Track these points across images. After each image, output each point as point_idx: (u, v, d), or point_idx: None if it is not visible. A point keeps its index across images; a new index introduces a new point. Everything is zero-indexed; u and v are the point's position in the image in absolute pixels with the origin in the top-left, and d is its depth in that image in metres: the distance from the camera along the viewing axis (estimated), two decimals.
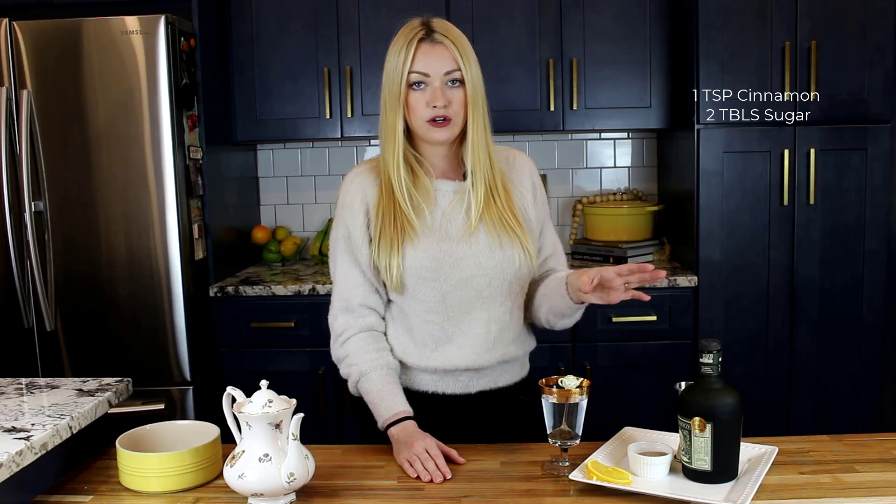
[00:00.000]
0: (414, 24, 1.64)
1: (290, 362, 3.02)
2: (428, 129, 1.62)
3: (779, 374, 3.00)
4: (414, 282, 1.63)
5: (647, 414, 2.93)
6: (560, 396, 1.47)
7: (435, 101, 1.59)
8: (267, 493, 1.33)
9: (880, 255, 2.95)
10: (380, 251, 1.64)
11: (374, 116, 3.22)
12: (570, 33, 3.15)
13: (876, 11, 2.87)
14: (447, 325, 1.66)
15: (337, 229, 1.71)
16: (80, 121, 2.77)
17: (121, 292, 2.83)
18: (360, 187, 1.68)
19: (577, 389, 1.47)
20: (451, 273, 1.63)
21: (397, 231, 1.62)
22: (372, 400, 1.64)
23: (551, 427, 1.49)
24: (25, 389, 1.69)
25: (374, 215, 1.66)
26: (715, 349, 1.37)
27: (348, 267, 1.68)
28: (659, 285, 2.95)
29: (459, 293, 1.64)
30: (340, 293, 1.70)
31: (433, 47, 1.61)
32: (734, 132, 2.92)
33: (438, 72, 1.60)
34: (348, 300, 1.68)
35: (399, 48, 1.61)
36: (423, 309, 1.66)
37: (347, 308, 1.69)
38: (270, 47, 3.23)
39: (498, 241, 1.65)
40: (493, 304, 1.67)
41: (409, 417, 1.60)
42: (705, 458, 1.37)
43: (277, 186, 3.67)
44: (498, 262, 1.65)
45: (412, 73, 1.59)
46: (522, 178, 1.74)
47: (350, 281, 1.68)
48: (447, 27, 1.64)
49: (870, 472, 1.44)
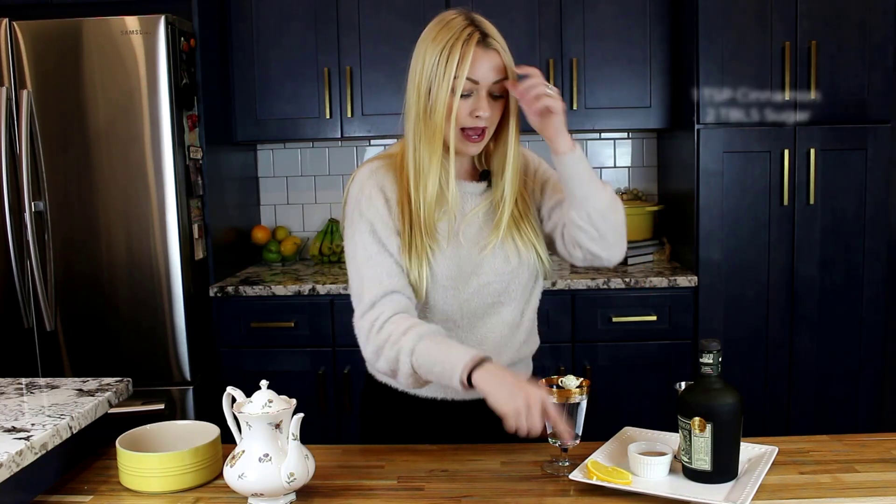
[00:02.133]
0: (461, 21, 1.50)
1: (290, 362, 3.02)
2: (461, 140, 1.53)
3: (779, 374, 3.00)
4: (435, 290, 1.58)
5: (647, 414, 2.93)
6: (560, 396, 1.47)
7: (480, 110, 1.50)
8: (267, 493, 1.33)
9: (880, 255, 2.95)
10: (409, 259, 1.54)
11: (374, 116, 3.22)
12: (570, 33, 3.15)
13: (876, 11, 2.87)
14: (461, 331, 1.63)
15: (356, 225, 1.57)
16: (80, 121, 2.77)
17: (121, 292, 2.83)
18: (378, 183, 1.58)
19: (577, 389, 1.47)
20: (470, 280, 1.59)
21: (423, 239, 1.55)
22: (436, 363, 1.41)
23: (551, 427, 1.49)
24: (25, 389, 1.69)
25: (398, 213, 1.56)
26: (715, 349, 1.37)
27: (379, 258, 1.54)
28: (659, 285, 2.95)
29: (477, 300, 1.61)
30: (373, 286, 1.52)
31: (486, 53, 1.49)
32: (734, 132, 2.92)
33: (488, 80, 1.50)
34: (385, 289, 1.51)
35: (446, 46, 1.48)
36: (440, 317, 1.61)
37: (384, 296, 1.51)
38: (270, 47, 3.23)
39: (514, 246, 1.62)
40: (507, 308, 1.65)
41: (486, 359, 1.40)
42: (705, 458, 1.37)
43: (277, 186, 3.67)
44: (514, 268, 1.62)
45: (466, 81, 1.47)
46: (527, 174, 1.70)
47: (382, 271, 1.53)
48: (494, 29, 1.53)
49: (870, 472, 1.44)
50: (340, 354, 3.00)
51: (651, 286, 2.95)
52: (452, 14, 1.53)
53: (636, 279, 2.96)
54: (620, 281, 2.95)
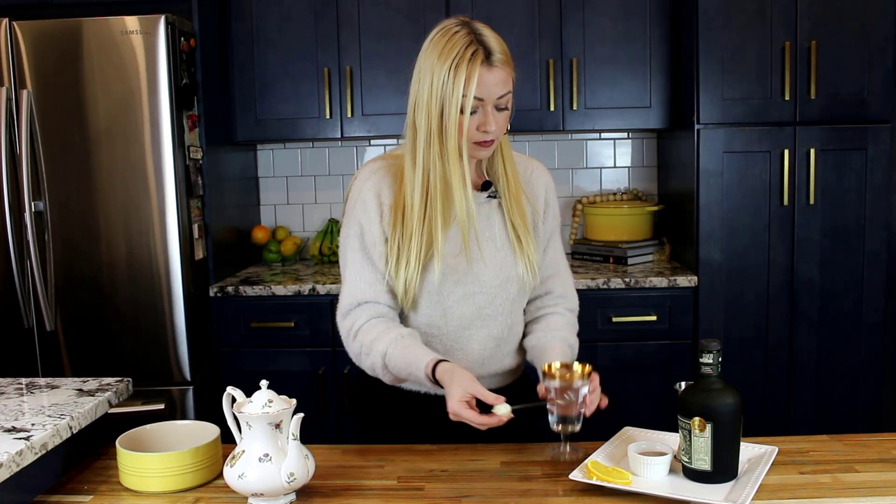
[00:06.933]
0: (464, 37, 1.50)
1: (290, 362, 3.02)
2: (473, 148, 1.56)
3: (779, 374, 3.00)
4: (421, 295, 1.61)
5: (647, 414, 2.93)
6: (563, 381, 1.48)
7: (487, 125, 1.53)
8: (267, 493, 1.33)
9: (880, 255, 2.95)
10: (397, 267, 1.59)
11: (374, 116, 3.22)
12: (570, 33, 3.15)
13: (876, 11, 2.87)
14: (446, 339, 1.65)
15: (349, 227, 1.64)
16: (80, 121, 2.77)
17: (121, 292, 2.83)
18: (375, 186, 1.62)
19: (579, 374, 1.49)
20: (454, 289, 1.62)
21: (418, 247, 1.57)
22: (405, 371, 1.55)
23: (556, 412, 1.50)
24: (25, 389, 1.69)
25: (391, 218, 1.60)
26: (715, 349, 1.37)
27: (361, 266, 1.62)
28: (659, 285, 2.95)
29: (460, 309, 1.63)
30: (351, 292, 1.62)
31: (491, 71, 1.51)
32: (734, 132, 2.92)
33: (493, 97, 1.52)
34: (359, 299, 1.61)
35: (453, 66, 1.49)
36: (423, 322, 1.64)
37: (358, 305, 1.61)
38: (270, 47, 3.23)
39: (504, 257, 1.64)
40: (494, 322, 1.66)
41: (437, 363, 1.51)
42: (705, 458, 1.37)
43: (277, 186, 3.67)
44: (502, 281, 1.64)
45: (473, 100, 1.50)
46: (538, 192, 1.73)
47: (362, 281, 1.61)
48: (497, 42, 1.53)
49: (870, 472, 1.44)
50: (340, 354, 3.00)
51: (651, 286, 2.96)
52: (454, 26, 1.53)
53: (636, 279, 2.96)
54: (620, 281, 2.95)
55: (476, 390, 1.45)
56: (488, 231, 1.65)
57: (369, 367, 1.61)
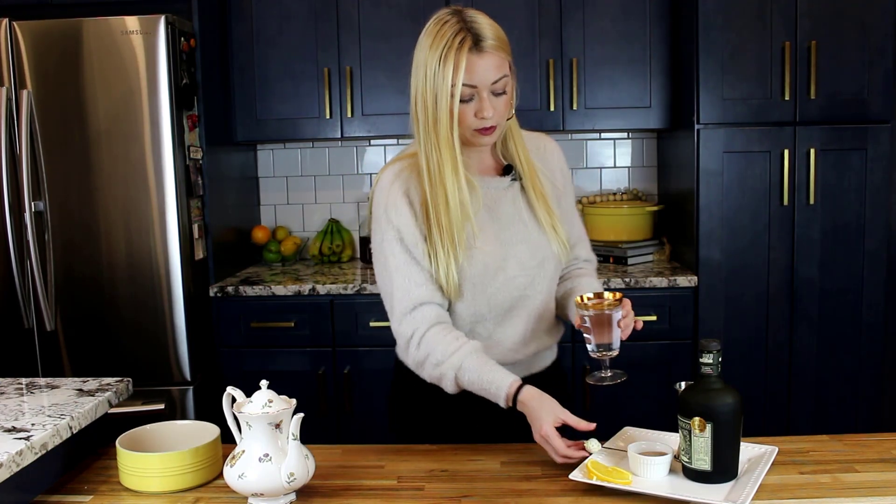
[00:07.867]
0: (453, 25, 1.50)
1: (290, 362, 3.02)
2: (474, 135, 1.57)
3: (779, 374, 3.00)
4: (463, 287, 1.61)
5: (647, 414, 2.93)
6: (596, 309, 1.52)
7: (484, 112, 1.52)
8: (267, 493, 1.33)
9: (880, 255, 2.95)
10: (437, 262, 1.59)
11: (374, 116, 3.23)
12: (570, 33, 3.15)
13: (876, 11, 2.86)
14: (489, 324, 1.66)
15: (384, 232, 1.61)
16: (80, 121, 2.77)
17: (121, 292, 2.83)
18: (402, 187, 1.61)
19: (610, 301, 1.53)
20: (495, 276, 1.62)
21: (452, 238, 1.57)
22: (479, 388, 1.56)
23: (593, 340, 1.54)
24: (25, 389, 1.69)
25: (423, 215, 1.59)
26: (715, 349, 1.37)
27: (407, 268, 1.59)
28: (659, 285, 2.95)
29: (503, 294, 1.64)
30: (404, 296, 1.59)
31: (481, 57, 1.50)
32: (734, 132, 2.92)
33: (486, 82, 1.51)
34: (414, 301, 1.59)
35: (442, 56, 1.49)
36: (470, 312, 1.64)
37: (414, 309, 1.59)
38: (270, 47, 3.23)
39: (538, 238, 1.66)
40: (534, 301, 1.68)
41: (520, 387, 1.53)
42: (705, 458, 1.37)
43: (277, 186, 3.67)
44: (539, 262, 1.66)
45: (463, 87, 1.50)
46: (553, 167, 1.74)
47: (412, 282, 1.59)
48: (489, 28, 1.52)
49: (869, 472, 1.44)
50: (340, 354, 3.00)
51: (651, 286, 2.96)
52: (446, 16, 1.53)
53: (636, 279, 2.96)
54: (620, 281, 2.95)
55: (567, 417, 1.48)
56: (517, 215, 1.66)
57: (435, 376, 1.59)
